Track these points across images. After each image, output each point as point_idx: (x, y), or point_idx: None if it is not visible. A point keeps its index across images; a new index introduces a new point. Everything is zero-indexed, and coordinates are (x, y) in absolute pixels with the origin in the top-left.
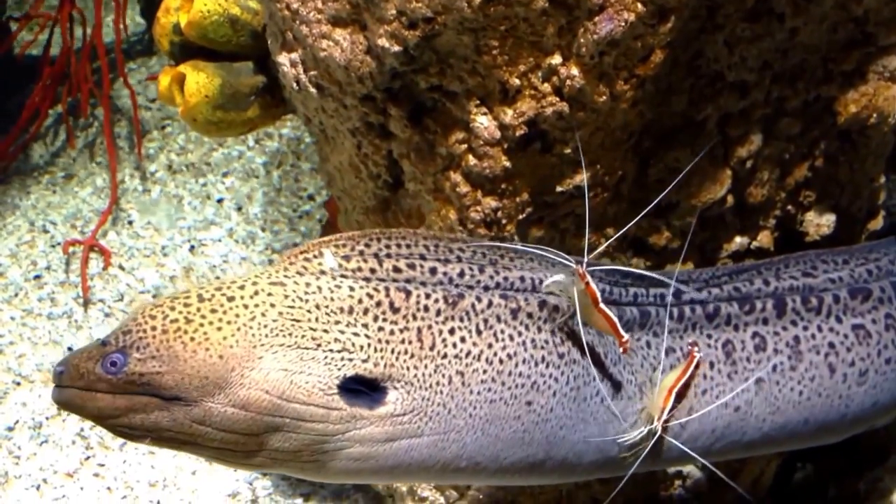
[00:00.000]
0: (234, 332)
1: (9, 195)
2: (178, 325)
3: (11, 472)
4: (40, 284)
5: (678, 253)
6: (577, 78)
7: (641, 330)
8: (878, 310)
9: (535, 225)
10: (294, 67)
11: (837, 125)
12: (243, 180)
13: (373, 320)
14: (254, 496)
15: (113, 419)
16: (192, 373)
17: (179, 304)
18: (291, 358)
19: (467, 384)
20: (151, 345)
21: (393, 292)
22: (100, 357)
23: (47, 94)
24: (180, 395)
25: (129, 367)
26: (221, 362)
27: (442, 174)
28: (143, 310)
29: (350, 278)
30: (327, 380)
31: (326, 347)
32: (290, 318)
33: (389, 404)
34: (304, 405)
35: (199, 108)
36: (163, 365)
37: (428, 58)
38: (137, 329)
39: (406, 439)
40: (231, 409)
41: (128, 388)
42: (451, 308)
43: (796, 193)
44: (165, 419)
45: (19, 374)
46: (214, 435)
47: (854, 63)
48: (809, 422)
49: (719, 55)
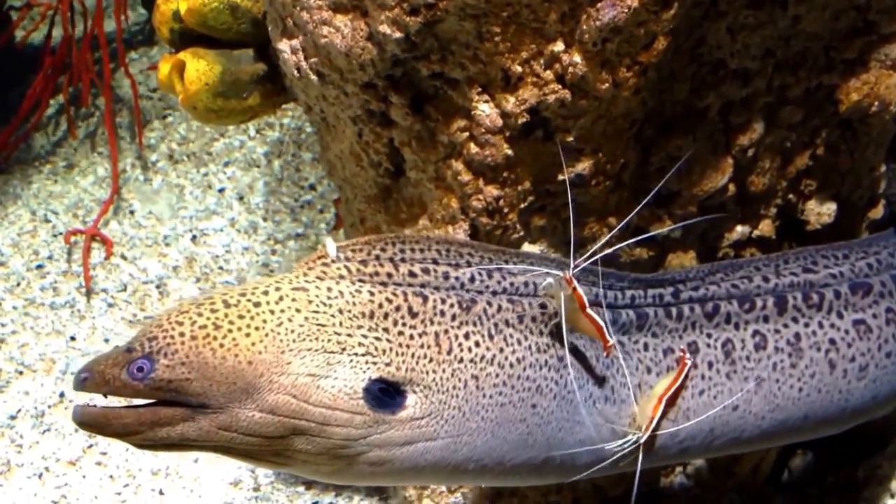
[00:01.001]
0: (263, 338)
1: (10, 185)
2: (206, 331)
3: (14, 460)
4: (42, 274)
5: (680, 242)
6: (579, 65)
7: (640, 332)
8: (878, 304)
9: (537, 214)
10: (295, 54)
11: (839, 113)
12: (244, 170)
13: (392, 325)
14: (256, 484)
15: (137, 436)
16: (222, 379)
17: (206, 310)
18: (318, 362)
19: (481, 388)
20: (180, 351)
21: (411, 297)
22: (125, 363)
23: (48, 83)
24: (208, 401)
25: (157, 374)
26: (251, 368)
27: (443, 162)
28: (167, 316)
29: (368, 283)
30: (353, 384)
31: (351, 352)
32: (315, 322)
33: (409, 408)
34: (329, 409)
35: (199, 95)
36: (192, 371)
37: (429, 44)
38: (164, 335)
39: (422, 442)
40: (258, 415)
41: (153, 394)
42: (465, 313)
43: (797, 182)
44: (191, 429)
45: (22, 363)
46: (240, 440)
47: (856, 51)
48: (809, 417)
49: (722, 42)
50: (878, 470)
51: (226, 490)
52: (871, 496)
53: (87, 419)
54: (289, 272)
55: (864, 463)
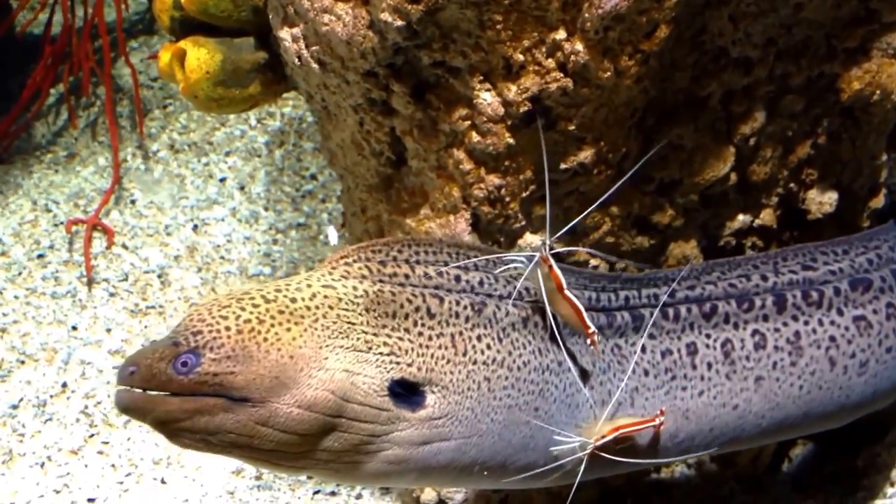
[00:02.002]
0: (303, 333)
1: (11, 175)
2: (251, 325)
3: (16, 449)
4: (44, 263)
5: (682, 231)
6: (581, 53)
7: (636, 334)
8: (879, 299)
9: (539, 203)
10: (296, 43)
11: (840, 102)
12: (245, 159)
13: (413, 325)
14: (258, 472)
15: (177, 423)
16: (265, 373)
17: (248, 305)
18: (350, 360)
19: (492, 390)
20: (226, 345)
21: (428, 298)
22: (172, 357)
23: (49, 73)
24: (249, 395)
25: (203, 368)
26: (292, 363)
27: (445, 151)
28: (208, 310)
29: (388, 283)
30: (380, 381)
31: (377, 350)
32: (346, 320)
33: (429, 408)
34: (361, 406)
35: (199, 84)
36: (237, 365)
37: (431, 33)
38: (210, 329)
39: (437, 442)
40: (296, 410)
41: (197, 388)
42: (477, 315)
43: (799, 171)
44: (230, 421)
45: (23, 352)
46: (274, 436)
47: (858, 40)
48: (809, 414)
49: (724, 31)
50: (877, 458)
51: (227, 478)
52: (871, 484)
53: (131, 404)
54: (313, 271)
55: (863, 451)
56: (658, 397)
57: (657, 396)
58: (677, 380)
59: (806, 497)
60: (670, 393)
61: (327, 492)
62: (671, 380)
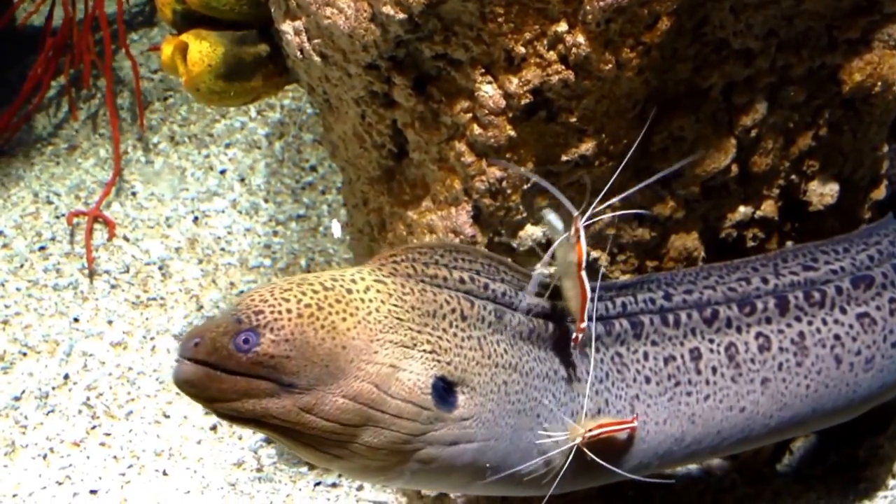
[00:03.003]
0: (357, 324)
1: (12, 166)
2: (311, 310)
3: (18, 441)
4: (45, 255)
5: (683, 223)
6: (582, 45)
7: (637, 341)
8: (881, 295)
9: (541, 195)
10: (297, 36)
11: (842, 94)
12: (246, 151)
13: (449, 325)
14: (259, 465)
15: (227, 402)
16: (317, 360)
17: (309, 290)
18: (397, 355)
19: (508, 394)
20: (286, 328)
21: (462, 301)
22: (234, 333)
23: (50, 65)
24: (298, 381)
25: (262, 348)
26: (344, 353)
27: (447, 143)
28: (270, 290)
29: (430, 284)
30: (424, 379)
31: (420, 348)
32: (395, 316)
33: (461, 408)
34: (403, 402)
35: (202, 77)
36: (293, 349)
37: (433, 25)
38: (272, 310)
39: (463, 444)
40: (341, 400)
41: (252, 368)
42: (497, 322)
43: (800, 162)
44: (275, 406)
45: (25, 344)
46: (317, 424)
47: (859, 31)
48: (817, 412)
49: (725, 22)
50: (879, 450)
51: (229, 471)
52: (873, 476)
53: (191, 377)
54: (363, 266)
55: (865, 443)
56: (661, 404)
57: (660, 403)
58: (681, 385)
59: (807, 489)
60: (674, 399)
61: (328, 483)
62: (675, 386)
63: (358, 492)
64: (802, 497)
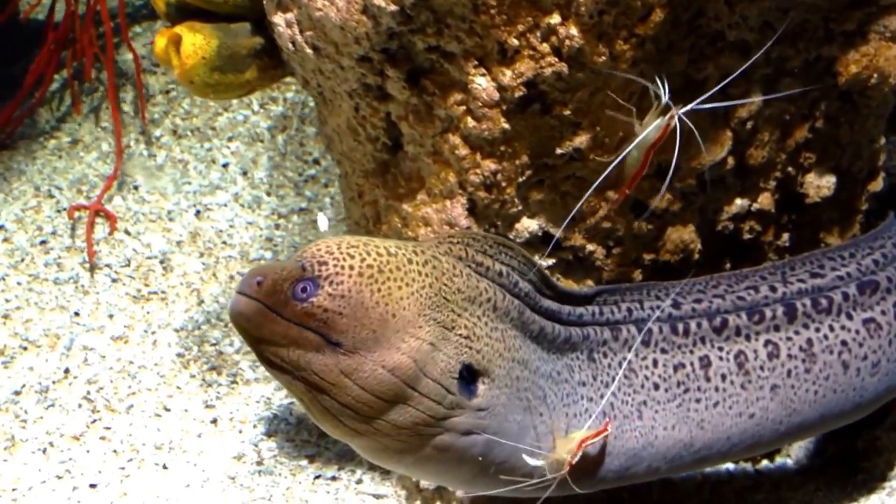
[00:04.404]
0: (410, 295)
1: (14, 160)
2: (372, 271)
3: (18, 435)
4: (46, 249)
5: (679, 216)
6: (576, 37)
7: (646, 348)
8: (886, 300)
9: (536, 188)
10: (290, 28)
11: (838, 86)
12: (248, 145)
13: (483, 314)
14: (259, 458)
15: (273, 346)
16: (367, 323)
17: (374, 252)
18: (437, 335)
19: (519, 389)
20: (345, 283)
21: (497, 292)
22: (296, 279)
23: (52, 58)
24: (344, 341)
25: (318, 300)
26: (393, 321)
27: (441, 136)
28: (337, 245)
29: (475, 270)
30: (454, 363)
31: (457, 332)
32: (444, 295)
33: (480, 397)
34: (434, 382)
35: (195, 69)
36: (347, 307)
37: (425, 17)
38: (335, 263)
39: (475, 434)
40: (380, 370)
41: (305, 319)
42: (519, 318)
43: (797, 155)
44: (318, 361)
45: (26, 338)
46: (352, 390)
47: (855, 23)
48: (825, 416)
49: (720, 14)
50: (877, 442)
51: (229, 464)
52: (871, 467)
53: (248, 311)
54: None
55: (863, 434)
56: (669, 410)
57: (668, 409)
58: (691, 392)
59: (806, 480)
60: (683, 405)
61: (328, 476)
62: (684, 392)
63: (357, 485)
64: (801, 488)
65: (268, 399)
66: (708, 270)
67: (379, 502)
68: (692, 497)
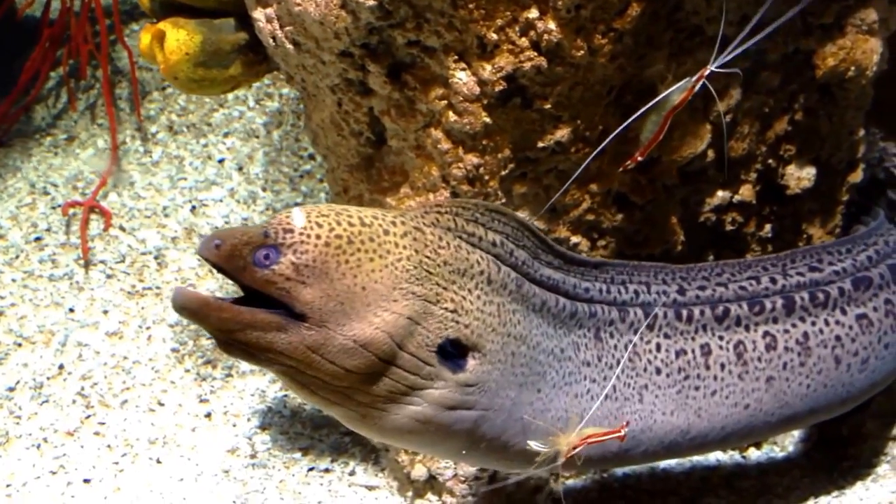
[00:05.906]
0: (383, 268)
1: (10, 157)
2: (340, 242)
3: (12, 431)
4: (41, 246)
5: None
6: (554, 32)
7: (651, 332)
8: (878, 296)
9: (518, 181)
10: (270, 23)
11: (816, 78)
12: (244, 140)
13: (475, 287)
14: (253, 451)
15: (230, 334)
16: (333, 295)
17: (345, 221)
18: (417, 308)
19: (514, 365)
20: (310, 252)
21: (490, 264)
22: (257, 245)
23: (48, 55)
24: (310, 313)
25: (279, 268)
26: (362, 294)
27: (423, 131)
28: (307, 212)
29: (466, 241)
30: (434, 337)
31: (442, 305)
32: (425, 268)
33: (467, 372)
34: (410, 356)
35: (179, 65)
36: (310, 277)
37: (404, 12)
38: (302, 231)
39: (461, 410)
40: (350, 344)
41: (265, 287)
42: (517, 290)
43: (777, 147)
44: (280, 340)
45: (20, 335)
46: (319, 365)
47: (833, 16)
48: (814, 410)
49: (698, 8)
50: (862, 428)
51: (223, 457)
52: (857, 453)
53: (189, 303)
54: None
55: (848, 421)
56: (669, 395)
57: (668, 395)
58: (690, 379)
59: (793, 466)
60: (682, 392)
61: (321, 468)
62: (684, 379)
63: (350, 476)
64: (787, 474)
65: (262, 392)
66: (691, 261)
67: (371, 493)
68: (682, 484)
